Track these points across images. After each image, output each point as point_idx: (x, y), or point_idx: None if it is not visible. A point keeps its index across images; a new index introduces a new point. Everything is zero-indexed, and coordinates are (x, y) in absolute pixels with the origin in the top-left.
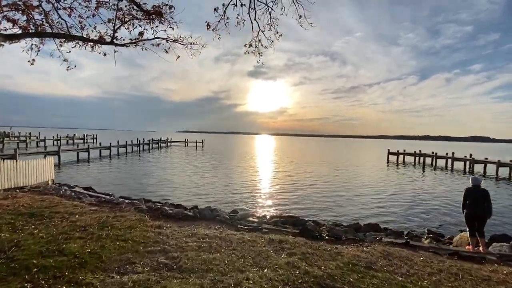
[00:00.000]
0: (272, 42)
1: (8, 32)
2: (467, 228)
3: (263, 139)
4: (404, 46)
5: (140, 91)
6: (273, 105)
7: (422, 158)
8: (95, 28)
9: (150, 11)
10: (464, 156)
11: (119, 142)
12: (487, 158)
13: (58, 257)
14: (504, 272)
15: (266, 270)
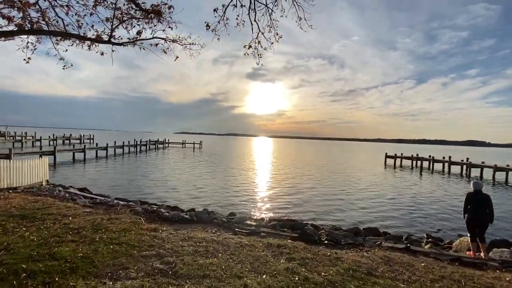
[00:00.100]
0: (271, 44)
1: (3, 29)
2: (468, 233)
3: (261, 141)
4: (402, 51)
5: (138, 92)
6: (271, 107)
7: (419, 162)
8: (93, 26)
9: (149, 10)
10: (461, 160)
11: (116, 143)
12: (484, 162)
13: (49, 261)
14: (507, 279)
15: (264, 276)
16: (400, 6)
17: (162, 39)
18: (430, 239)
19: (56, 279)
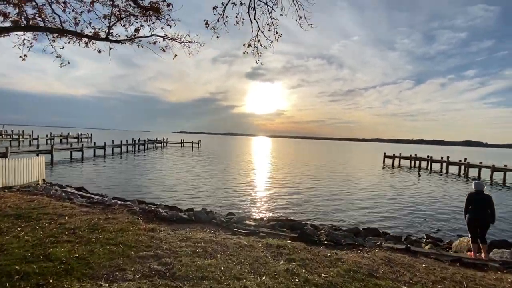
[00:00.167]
0: (271, 43)
1: None
2: (469, 234)
3: (260, 141)
4: (400, 51)
5: (136, 91)
6: (270, 107)
7: (417, 162)
8: (90, 24)
9: (147, 7)
10: (459, 160)
11: (114, 142)
12: (481, 163)
13: (43, 262)
14: (509, 280)
15: (264, 278)
16: (400, 6)
17: (161, 36)
18: (430, 240)
19: (50, 281)
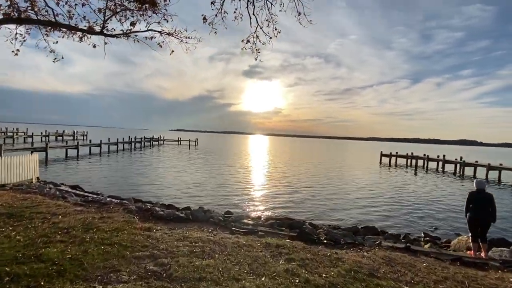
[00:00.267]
0: (270, 39)
1: None
2: (469, 233)
3: (257, 139)
4: (397, 50)
5: (133, 88)
6: (267, 105)
7: (414, 161)
8: (84, 18)
9: (144, 0)
10: (455, 159)
11: (110, 140)
12: (477, 161)
13: (35, 263)
14: (511, 279)
15: (264, 279)
16: (397, 6)
17: (158, 32)
18: (428, 238)
19: (42, 283)
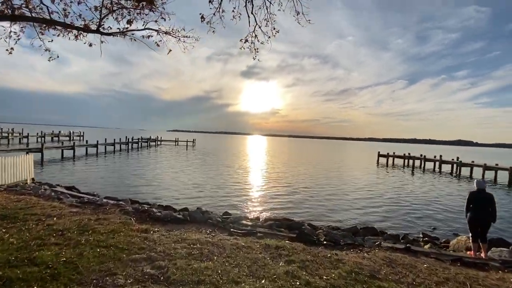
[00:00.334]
0: (269, 38)
1: None
2: (470, 233)
3: (255, 140)
4: (394, 51)
5: (130, 89)
6: (265, 105)
7: (411, 161)
8: (80, 16)
9: None
10: (452, 159)
11: (106, 140)
12: (473, 161)
13: (28, 267)
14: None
15: (264, 281)
16: (394, 7)
17: (155, 30)
18: (427, 238)
19: (35, 287)
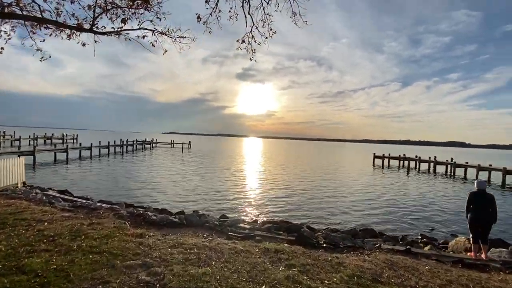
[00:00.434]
0: (266, 39)
1: None
2: (470, 234)
3: (251, 142)
4: (388, 54)
5: (125, 91)
6: (261, 108)
7: (406, 162)
8: (73, 15)
9: None
10: (446, 160)
11: (100, 143)
12: (467, 162)
13: (16, 275)
14: None
15: (264, 287)
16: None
17: (150, 30)
18: (425, 239)
19: None
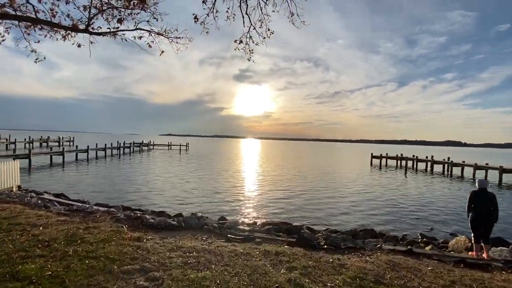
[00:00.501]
0: (263, 39)
1: None
2: (472, 233)
3: (249, 143)
4: (384, 54)
5: (122, 93)
6: (258, 109)
7: (403, 162)
8: (69, 16)
9: None
10: (443, 159)
11: (97, 145)
12: (464, 161)
13: (10, 282)
14: None
15: None
16: (383, 11)
17: (147, 31)
18: (425, 239)
19: None
